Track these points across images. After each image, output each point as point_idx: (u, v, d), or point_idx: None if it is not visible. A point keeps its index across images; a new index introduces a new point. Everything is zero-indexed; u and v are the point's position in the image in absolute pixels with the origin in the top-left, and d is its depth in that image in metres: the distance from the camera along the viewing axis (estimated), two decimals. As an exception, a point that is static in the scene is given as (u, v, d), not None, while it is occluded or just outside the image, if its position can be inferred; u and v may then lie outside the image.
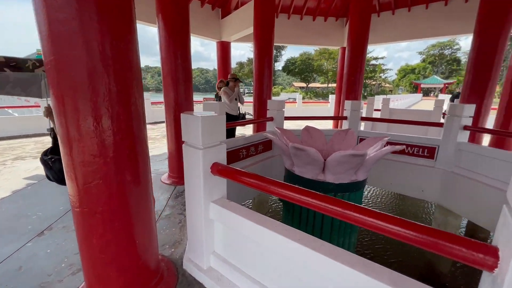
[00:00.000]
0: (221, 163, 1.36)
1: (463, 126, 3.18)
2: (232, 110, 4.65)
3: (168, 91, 3.17)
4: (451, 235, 0.74)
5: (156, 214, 2.87)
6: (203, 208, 1.34)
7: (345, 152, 2.05)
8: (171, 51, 2.94)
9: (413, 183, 3.68)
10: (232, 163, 3.10)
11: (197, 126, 1.22)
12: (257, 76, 5.42)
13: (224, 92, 4.59)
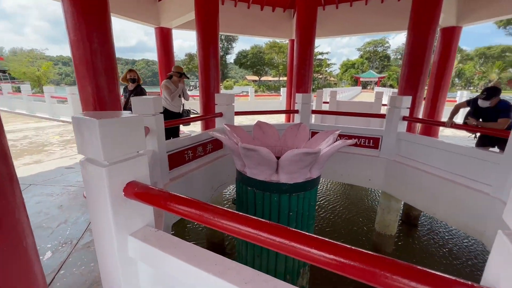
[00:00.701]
0: (140, 182, 1.00)
1: (402, 117, 3.39)
2: (173, 107, 4.12)
3: (83, 84, 2.51)
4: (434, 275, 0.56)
5: (71, 243, 2.29)
6: (116, 246, 0.96)
7: (299, 150, 1.87)
8: (83, 32, 2.28)
9: (361, 173, 3.83)
10: (176, 167, 2.70)
11: (94, 134, 0.84)
12: (202, 67, 4.93)
13: (165, 87, 4.00)
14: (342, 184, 7.30)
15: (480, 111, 2.94)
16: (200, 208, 0.82)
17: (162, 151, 2.39)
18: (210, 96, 4.80)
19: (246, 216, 0.75)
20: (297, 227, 2.36)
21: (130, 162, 0.97)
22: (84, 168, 0.94)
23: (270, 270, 2.47)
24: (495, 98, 2.81)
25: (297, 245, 0.64)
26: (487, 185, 2.49)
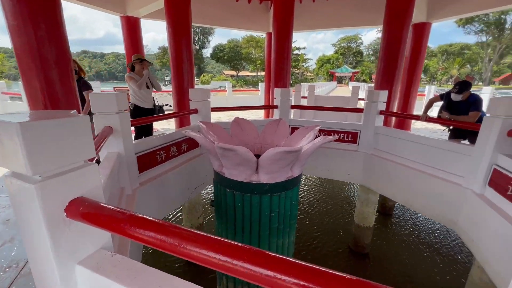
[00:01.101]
0: (88, 199, 0.81)
1: (379, 111, 3.42)
2: (143, 102, 3.68)
3: (28, 78, 2.12)
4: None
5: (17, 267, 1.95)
6: (58, 280, 0.77)
7: (279, 149, 1.76)
8: (25, 15, 1.87)
9: (340, 167, 3.84)
10: (147, 169, 2.46)
11: (15, 141, 0.64)
12: (174, 60, 4.57)
13: (130, 78, 3.58)
14: (320, 179, 7.42)
15: (453, 105, 3.04)
16: (163, 231, 0.65)
17: (130, 153, 2.15)
18: (184, 92, 4.50)
19: (223, 241, 0.60)
20: (279, 227, 2.27)
21: (74, 175, 0.78)
22: (9, 184, 0.73)
23: (252, 273, 2.37)
24: (467, 91, 2.91)
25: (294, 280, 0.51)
26: (459, 176, 2.58)
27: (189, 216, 3.94)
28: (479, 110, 2.84)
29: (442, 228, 4.97)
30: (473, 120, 2.82)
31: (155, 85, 3.86)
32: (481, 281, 2.59)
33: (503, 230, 1.91)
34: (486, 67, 39.36)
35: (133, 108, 3.67)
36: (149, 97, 3.80)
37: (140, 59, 3.69)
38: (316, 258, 4.16)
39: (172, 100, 4.74)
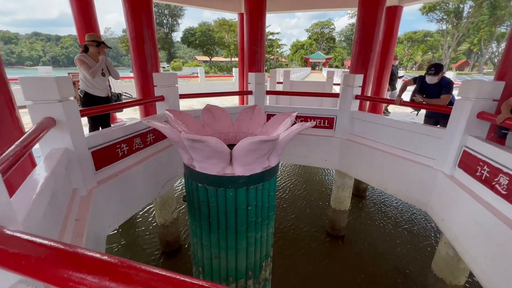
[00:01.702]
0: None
1: (355, 95, 3.38)
2: (96, 90, 3.18)
3: None
4: None
5: None
6: None
7: (254, 138, 1.59)
8: None
9: (317, 154, 3.81)
10: (106, 166, 2.17)
11: None
12: (134, 41, 4.00)
13: (81, 62, 3.01)
14: (297, 166, 7.48)
15: (425, 88, 3.09)
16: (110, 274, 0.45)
17: (82, 148, 1.85)
18: (147, 77, 4.06)
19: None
20: (257, 221, 2.15)
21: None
22: None
23: (230, 269, 2.25)
24: (442, 72, 2.95)
25: None
26: (431, 158, 2.64)
27: (161, 212, 3.70)
28: (450, 93, 2.91)
29: (413, 207, 5.29)
30: (445, 103, 2.88)
31: (112, 72, 3.35)
32: (447, 255, 2.75)
33: (471, 209, 1.97)
34: (446, 54, 42.21)
35: (83, 96, 3.18)
36: (104, 84, 3.29)
37: (96, 41, 3.14)
38: (294, 242, 4.19)
39: (135, 86, 4.26)
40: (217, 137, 2.55)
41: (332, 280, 3.46)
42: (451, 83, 2.96)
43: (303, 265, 3.72)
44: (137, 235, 4.37)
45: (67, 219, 1.47)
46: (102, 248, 1.93)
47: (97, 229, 1.87)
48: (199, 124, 2.44)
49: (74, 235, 1.43)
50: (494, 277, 1.69)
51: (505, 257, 1.59)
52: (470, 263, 1.95)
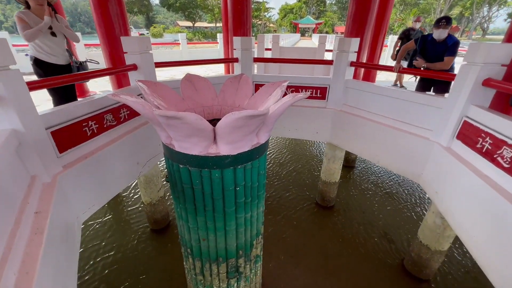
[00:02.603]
0: None
1: (350, 62, 3.11)
2: (50, 55, 2.61)
3: None
4: None
5: None
6: None
7: (240, 113, 1.36)
8: None
9: (308, 126, 3.63)
10: (72, 147, 1.90)
11: None
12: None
13: (19, 20, 2.37)
14: (287, 139, 7.34)
15: (427, 50, 2.82)
16: None
17: (35, 129, 1.56)
18: (115, 42, 3.51)
19: None
20: (246, 201, 2.01)
21: None
22: None
23: (219, 250, 2.16)
24: (450, 28, 2.66)
25: None
26: (427, 130, 2.52)
27: (147, 191, 3.52)
28: (455, 55, 2.67)
29: (402, 178, 5.38)
30: (448, 66, 2.66)
31: (69, 35, 2.74)
32: (434, 224, 2.79)
33: (468, 182, 1.90)
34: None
35: (33, 63, 2.63)
36: (58, 49, 2.68)
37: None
38: (283, 215, 4.22)
39: (102, 53, 3.72)
40: (200, 111, 2.29)
41: (320, 248, 3.54)
42: (457, 43, 2.69)
43: (292, 236, 3.76)
44: (125, 212, 4.24)
45: (22, 213, 1.25)
46: (76, 237, 1.75)
47: (68, 218, 1.67)
48: (178, 97, 2.15)
49: (32, 231, 1.23)
50: (487, 250, 1.67)
51: (502, 232, 1.54)
52: (462, 235, 1.94)
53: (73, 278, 1.47)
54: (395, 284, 3.04)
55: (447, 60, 2.66)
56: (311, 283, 3.02)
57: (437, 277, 3.13)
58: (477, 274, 3.19)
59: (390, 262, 3.33)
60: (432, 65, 2.76)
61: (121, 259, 3.32)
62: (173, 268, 3.20)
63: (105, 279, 3.04)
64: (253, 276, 2.55)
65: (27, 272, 1.02)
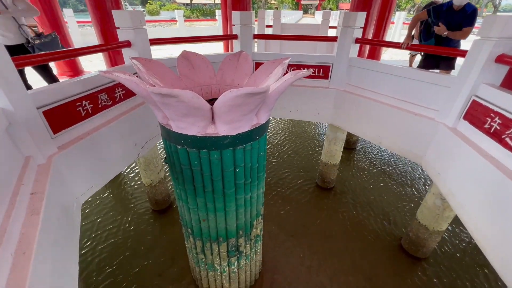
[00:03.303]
0: None
1: (355, 39, 2.96)
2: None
3: None
4: None
5: None
6: None
7: (239, 91, 1.29)
8: None
9: (310, 107, 3.54)
10: (66, 128, 1.84)
11: None
12: None
13: None
14: (286, 120, 7.24)
15: (443, 21, 2.62)
16: None
17: (26, 108, 1.49)
18: (106, 17, 3.32)
19: None
20: (246, 182, 1.99)
21: None
22: None
23: (220, 230, 2.18)
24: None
25: None
26: (433, 110, 2.44)
27: (147, 173, 3.52)
28: (473, 25, 2.49)
29: (403, 159, 5.35)
30: (466, 37, 2.49)
31: (24, 6, 2.33)
32: (434, 205, 2.80)
33: (473, 164, 1.86)
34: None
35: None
36: (8, 25, 2.30)
37: None
38: (283, 195, 4.25)
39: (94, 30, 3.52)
40: (198, 90, 2.20)
41: (320, 228, 3.60)
42: (476, 11, 2.50)
43: (292, 217, 3.81)
44: (127, 193, 4.28)
45: (16, 194, 1.23)
46: (76, 218, 1.75)
47: (65, 199, 1.66)
48: (175, 75, 2.06)
49: (28, 212, 1.20)
50: (488, 230, 1.67)
51: (505, 212, 1.53)
52: (463, 216, 1.93)
53: (74, 258, 1.48)
54: (392, 262, 3.11)
55: (466, 31, 2.47)
56: (310, 262, 3.10)
57: (433, 256, 3.20)
58: (472, 252, 3.26)
59: (388, 241, 3.40)
60: (452, 34, 2.56)
61: (123, 238, 3.39)
62: (175, 246, 3.27)
63: (107, 256, 3.12)
64: (253, 255, 2.60)
65: (24, 253, 1.00)
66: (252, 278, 2.79)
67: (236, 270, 2.47)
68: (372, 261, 3.12)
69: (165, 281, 2.86)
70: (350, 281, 2.89)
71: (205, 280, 2.60)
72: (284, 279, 2.90)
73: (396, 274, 2.97)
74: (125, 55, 2.56)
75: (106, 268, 2.99)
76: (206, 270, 2.48)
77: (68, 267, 1.33)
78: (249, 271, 2.65)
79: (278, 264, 3.07)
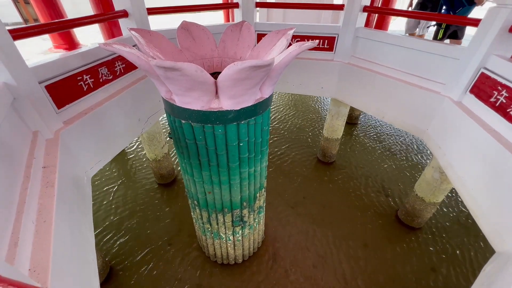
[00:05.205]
0: None
1: (363, 7, 2.80)
2: None
3: None
4: None
5: None
6: None
7: (243, 64, 1.26)
8: None
9: (313, 81, 3.46)
10: (70, 102, 1.84)
11: None
12: None
13: None
14: (289, 94, 7.11)
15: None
16: None
17: (28, 82, 1.49)
18: None
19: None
20: (249, 156, 2.04)
21: None
22: None
23: (225, 201, 2.28)
24: None
25: None
26: (440, 83, 2.39)
27: (151, 148, 3.57)
28: None
29: (404, 134, 5.36)
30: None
31: None
32: (432, 178, 2.88)
33: (475, 137, 1.88)
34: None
35: None
36: None
37: None
38: (285, 169, 4.35)
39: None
40: (199, 63, 2.15)
41: (319, 200, 3.74)
42: None
43: (292, 189, 3.94)
44: (133, 167, 4.38)
45: (30, 167, 1.27)
46: (87, 191, 1.82)
47: (76, 172, 1.71)
48: (176, 48, 2.00)
49: (43, 185, 1.26)
50: (483, 201, 1.73)
51: (502, 184, 1.58)
52: (460, 188, 2.00)
53: (89, 225, 1.57)
54: (388, 231, 3.28)
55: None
56: (309, 231, 3.27)
57: (427, 225, 3.36)
58: (464, 222, 3.41)
59: (385, 212, 3.54)
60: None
61: (130, 209, 3.55)
62: (180, 217, 3.44)
63: (115, 226, 3.30)
64: (256, 225, 2.74)
65: (45, 221, 1.07)
66: (256, 246, 2.97)
67: (241, 238, 2.62)
68: (369, 230, 3.29)
69: (174, 248, 3.06)
70: (348, 245, 3.08)
71: (211, 247, 2.77)
72: (284, 246, 3.09)
73: (391, 242, 3.15)
74: (122, 26, 2.46)
75: (116, 233, 3.18)
76: (212, 238, 2.63)
77: (84, 233, 1.42)
78: (252, 239, 2.81)
79: (278, 233, 3.24)
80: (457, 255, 3.01)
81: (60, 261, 1.00)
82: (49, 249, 0.96)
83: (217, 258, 2.86)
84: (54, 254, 0.96)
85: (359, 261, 2.93)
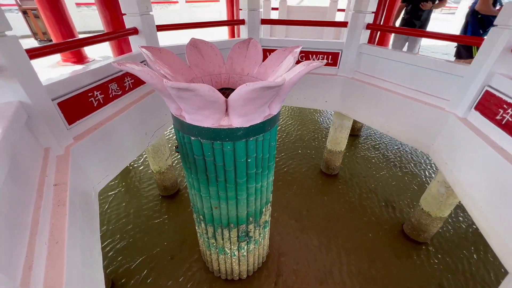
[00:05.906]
0: None
1: (366, 24, 2.87)
2: None
3: None
4: None
5: None
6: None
7: (255, 85, 1.29)
8: None
9: (317, 95, 3.51)
10: (80, 118, 1.86)
11: None
12: None
13: None
14: (292, 108, 7.18)
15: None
16: None
17: (42, 100, 1.51)
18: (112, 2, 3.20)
19: None
20: (257, 172, 2.04)
21: None
22: None
23: (231, 217, 2.26)
24: None
25: None
26: (444, 100, 2.42)
27: (155, 160, 3.58)
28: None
29: (408, 147, 5.37)
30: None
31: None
32: (438, 193, 2.86)
33: (483, 155, 1.88)
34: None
35: None
36: None
37: None
38: (289, 181, 4.34)
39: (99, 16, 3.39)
40: (208, 80, 2.19)
41: (324, 213, 3.70)
42: None
43: (296, 201, 3.91)
44: (137, 179, 4.37)
45: (43, 185, 1.28)
46: (95, 206, 1.82)
47: (85, 189, 1.72)
48: (185, 64, 2.04)
49: (54, 203, 1.26)
50: (493, 218, 1.72)
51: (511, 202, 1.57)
52: (468, 204, 1.99)
53: (97, 245, 1.56)
54: (394, 246, 3.23)
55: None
56: (314, 245, 3.23)
57: (434, 241, 3.32)
58: (471, 238, 3.37)
59: (390, 226, 3.50)
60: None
61: (132, 221, 3.51)
62: (184, 230, 3.40)
63: (117, 237, 3.26)
64: (262, 240, 2.71)
65: (57, 242, 1.07)
66: (260, 261, 2.93)
67: (246, 253, 2.59)
68: (375, 244, 3.24)
69: (176, 262, 3.01)
70: (354, 260, 3.03)
71: (215, 262, 2.73)
72: (289, 260, 3.04)
73: (398, 257, 3.09)
74: (132, 43, 2.52)
75: (118, 245, 3.14)
76: (217, 253, 2.59)
77: (93, 254, 1.41)
78: (257, 254, 2.77)
79: (283, 247, 3.20)
80: (465, 271, 2.96)
81: (73, 284, 0.99)
82: (62, 271, 0.95)
83: (221, 273, 2.81)
84: (67, 277, 0.95)
85: (365, 276, 2.87)
